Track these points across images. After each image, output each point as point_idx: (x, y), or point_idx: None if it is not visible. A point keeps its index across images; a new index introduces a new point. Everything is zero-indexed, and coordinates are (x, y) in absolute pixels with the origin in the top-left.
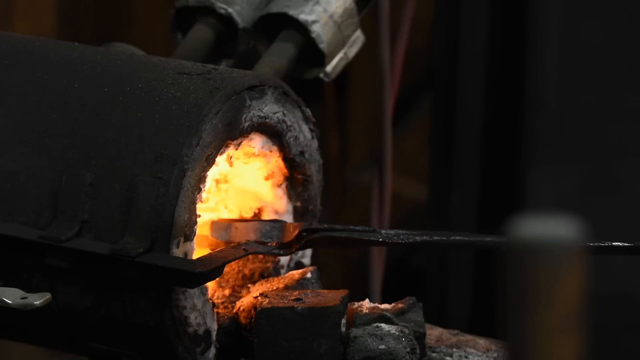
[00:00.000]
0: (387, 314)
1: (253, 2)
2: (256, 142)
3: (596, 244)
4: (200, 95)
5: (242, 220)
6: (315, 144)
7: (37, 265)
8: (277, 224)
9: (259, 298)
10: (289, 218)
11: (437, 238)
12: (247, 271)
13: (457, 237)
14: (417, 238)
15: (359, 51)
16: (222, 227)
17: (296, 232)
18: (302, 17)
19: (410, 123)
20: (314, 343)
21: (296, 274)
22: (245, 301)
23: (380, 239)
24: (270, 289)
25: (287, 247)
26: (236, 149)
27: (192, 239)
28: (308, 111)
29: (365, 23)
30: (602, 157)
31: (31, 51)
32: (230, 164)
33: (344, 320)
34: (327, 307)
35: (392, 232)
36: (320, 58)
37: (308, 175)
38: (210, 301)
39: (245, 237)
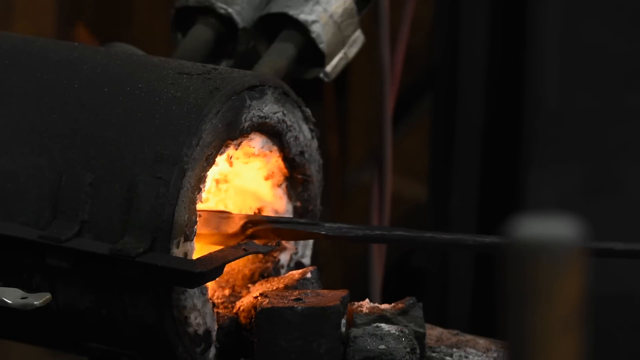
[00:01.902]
0: (387, 314)
1: (253, 2)
2: (256, 142)
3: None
4: (200, 95)
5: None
6: (315, 144)
7: (37, 265)
8: (224, 216)
9: (259, 298)
10: None
11: (377, 232)
12: (247, 271)
13: (398, 232)
14: (359, 232)
15: (359, 51)
16: None
17: (241, 223)
18: (302, 17)
19: (410, 123)
20: (314, 343)
21: (296, 274)
22: (245, 301)
23: (323, 232)
24: (270, 289)
25: (232, 238)
26: (236, 149)
27: (192, 239)
28: (308, 111)
29: (365, 23)
30: (602, 157)
31: (31, 51)
32: (230, 164)
33: (344, 320)
34: (327, 307)
35: (335, 225)
36: (320, 58)
37: (308, 175)
38: (210, 301)
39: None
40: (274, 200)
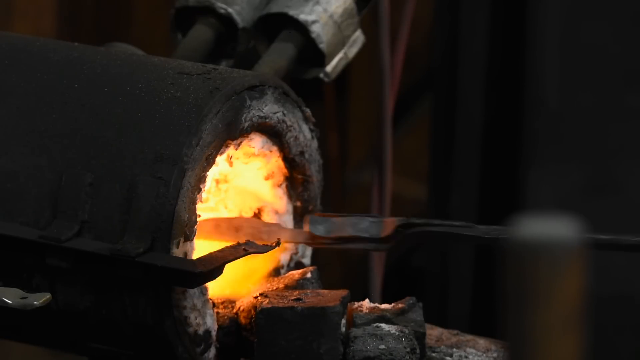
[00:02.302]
0: (387, 314)
1: (253, 2)
2: (256, 142)
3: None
4: (200, 95)
5: (341, 215)
6: (315, 144)
7: (37, 265)
8: (375, 220)
9: (259, 298)
10: (289, 218)
11: None
12: (247, 271)
13: None
14: (505, 235)
15: (359, 51)
16: (320, 221)
17: (394, 226)
18: (302, 17)
19: (410, 123)
20: (314, 343)
21: (296, 274)
22: (245, 301)
23: (478, 234)
24: (270, 289)
25: (385, 242)
26: (236, 149)
27: (192, 239)
28: (308, 111)
29: (365, 23)
30: (602, 157)
31: (31, 51)
32: (230, 164)
33: (344, 320)
34: (327, 307)
35: (486, 227)
36: (320, 58)
37: (308, 175)
38: (210, 301)
39: (343, 232)
40: (274, 200)
